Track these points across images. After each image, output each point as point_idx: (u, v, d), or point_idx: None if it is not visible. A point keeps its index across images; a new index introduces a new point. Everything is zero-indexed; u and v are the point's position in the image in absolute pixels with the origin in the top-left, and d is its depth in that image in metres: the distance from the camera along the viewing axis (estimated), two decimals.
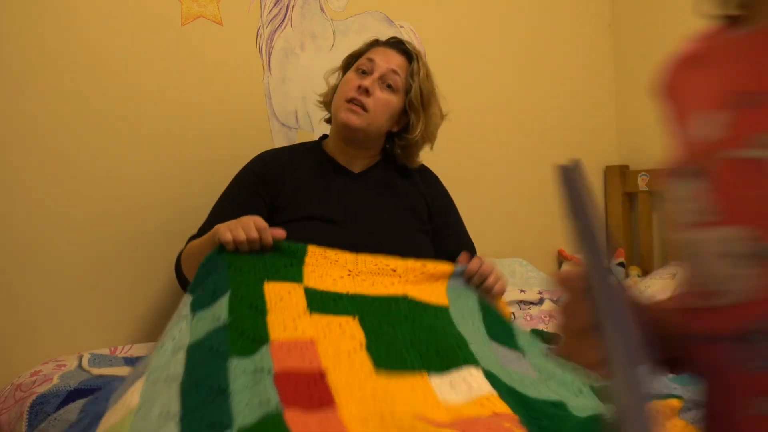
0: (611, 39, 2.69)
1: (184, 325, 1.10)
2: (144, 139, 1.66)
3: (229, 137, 1.77)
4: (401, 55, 1.53)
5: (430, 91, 1.54)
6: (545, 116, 2.48)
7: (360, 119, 1.46)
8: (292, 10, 1.89)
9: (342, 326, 1.07)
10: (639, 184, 2.52)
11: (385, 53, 1.52)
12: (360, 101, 1.46)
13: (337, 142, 1.55)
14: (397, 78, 1.50)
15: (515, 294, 1.99)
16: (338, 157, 1.55)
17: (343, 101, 1.48)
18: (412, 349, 1.04)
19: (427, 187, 1.62)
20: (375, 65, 1.49)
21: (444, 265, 1.35)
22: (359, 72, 1.51)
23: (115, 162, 1.62)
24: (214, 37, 1.76)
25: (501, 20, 2.38)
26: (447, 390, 0.96)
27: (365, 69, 1.50)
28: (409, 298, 1.20)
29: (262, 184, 1.50)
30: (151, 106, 1.67)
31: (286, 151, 1.59)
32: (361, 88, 1.46)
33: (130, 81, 1.64)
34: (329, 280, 1.20)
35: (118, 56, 1.63)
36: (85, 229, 1.58)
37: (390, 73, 1.49)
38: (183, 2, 1.72)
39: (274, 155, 1.57)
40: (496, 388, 0.96)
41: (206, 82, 1.75)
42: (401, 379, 0.96)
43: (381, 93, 1.48)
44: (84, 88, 1.58)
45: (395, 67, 1.50)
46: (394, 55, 1.52)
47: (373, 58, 1.50)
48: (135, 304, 1.64)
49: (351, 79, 1.50)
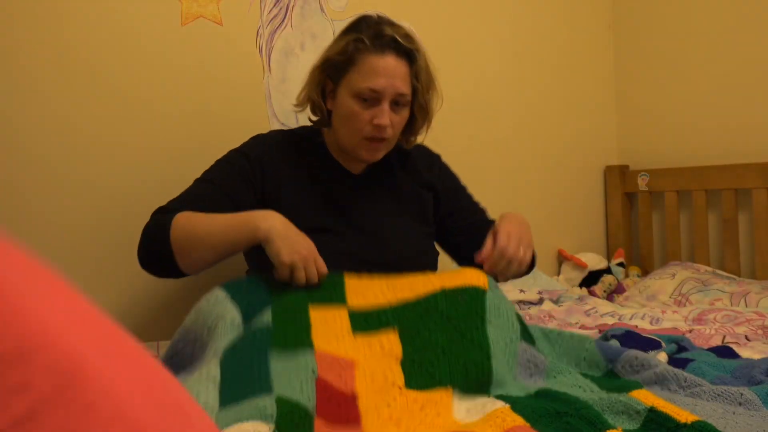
0: (611, 39, 2.69)
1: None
2: (143, 139, 1.66)
3: (229, 137, 1.76)
4: (402, 60, 1.34)
5: (431, 81, 1.41)
6: (545, 116, 2.49)
7: (384, 150, 1.40)
8: (292, 10, 1.89)
9: (383, 345, 1.08)
10: (639, 184, 2.52)
11: (385, 67, 1.32)
12: (382, 138, 1.36)
13: (345, 154, 1.45)
14: (406, 97, 1.37)
15: (515, 294, 1.99)
16: (339, 157, 1.47)
17: (360, 139, 1.36)
18: (443, 358, 1.04)
19: (431, 172, 1.54)
20: (381, 94, 1.32)
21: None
22: (363, 101, 1.34)
23: (113, 162, 1.62)
24: (214, 37, 1.77)
25: (501, 20, 2.38)
26: (463, 414, 0.98)
27: (369, 97, 1.33)
28: (446, 289, 1.18)
29: (258, 174, 1.39)
30: (151, 106, 1.67)
31: (284, 143, 1.46)
32: (380, 126, 1.33)
33: (130, 81, 1.64)
34: (371, 296, 1.19)
35: (118, 56, 1.63)
36: (85, 229, 1.58)
37: (397, 95, 1.34)
38: (183, 2, 1.72)
39: (273, 145, 1.44)
40: (509, 402, 0.96)
41: (206, 82, 1.75)
42: (427, 396, 0.99)
43: (396, 116, 1.36)
44: (84, 88, 1.58)
45: (401, 88, 1.34)
46: (396, 65, 1.33)
47: (376, 89, 1.31)
48: (134, 305, 1.64)
49: (359, 113, 1.34)
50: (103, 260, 1.60)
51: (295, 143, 1.46)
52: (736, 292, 1.98)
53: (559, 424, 0.88)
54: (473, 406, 0.99)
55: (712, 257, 2.34)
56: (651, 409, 0.92)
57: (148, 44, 1.67)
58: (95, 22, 1.60)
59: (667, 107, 2.52)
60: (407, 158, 1.52)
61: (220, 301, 1.14)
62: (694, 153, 2.42)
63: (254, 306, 1.15)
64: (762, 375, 1.15)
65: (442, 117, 2.19)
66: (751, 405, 0.99)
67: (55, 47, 1.54)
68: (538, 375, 1.13)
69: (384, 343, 1.08)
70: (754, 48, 2.26)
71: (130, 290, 1.64)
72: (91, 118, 1.59)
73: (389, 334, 1.10)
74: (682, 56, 2.47)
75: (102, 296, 1.59)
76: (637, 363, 1.16)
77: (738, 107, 2.31)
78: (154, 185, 1.67)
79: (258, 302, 1.16)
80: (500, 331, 1.12)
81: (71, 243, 1.56)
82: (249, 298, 1.17)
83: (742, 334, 1.57)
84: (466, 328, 1.09)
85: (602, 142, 2.66)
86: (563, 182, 2.53)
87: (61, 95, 1.55)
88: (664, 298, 2.10)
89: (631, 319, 1.78)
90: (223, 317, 1.10)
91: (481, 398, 1.00)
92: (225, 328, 1.08)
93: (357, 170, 1.47)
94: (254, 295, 1.18)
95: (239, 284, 1.21)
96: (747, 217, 2.26)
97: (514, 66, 2.41)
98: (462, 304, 1.14)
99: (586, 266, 2.40)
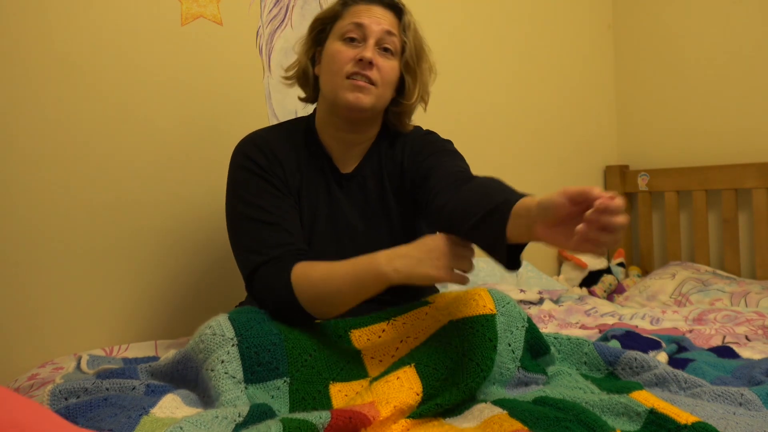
0: (611, 39, 2.69)
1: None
2: (143, 138, 1.66)
3: (229, 137, 1.76)
4: (389, 11, 1.30)
5: (421, 47, 1.33)
6: (545, 116, 2.49)
7: (370, 97, 1.24)
8: (292, 10, 1.89)
9: (400, 378, 1.05)
10: (639, 184, 2.52)
11: (370, 12, 1.28)
12: (365, 75, 1.23)
13: (335, 128, 1.31)
14: (394, 39, 1.28)
15: (515, 294, 1.99)
16: (333, 148, 1.33)
17: (343, 78, 1.24)
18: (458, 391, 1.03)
19: (406, 153, 1.35)
20: (367, 30, 1.26)
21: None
22: (347, 41, 1.26)
23: (112, 162, 1.62)
24: (214, 37, 1.76)
25: (501, 20, 2.38)
26: (459, 420, 0.98)
27: (355, 36, 1.26)
28: (454, 321, 1.12)
29: (280, 175, 1.27)
30: (151, 106, 1.67)
31: (277, 140, 1.32)
32: (363, 60, 1.23)
33: (130, 81, 1.64)
34: (387, 358, 1.14)
35: (118, 56, 1.63)
36: (84, 229, 1.58)
37: (385, 35, 1.27)
38: (183, 2, 1.72)
39: (267, 143, 1.30)
40: (506, 408, 0.96)
41: (206, 82, 1.75)
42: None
43: (383, 61, 1.26)
44: (83, 88, 1.58)
45: (389, 28, 1.27)
46: (383, 13, 1.29)
47: (361, 23, 1.26)
48: (133, 304, 1.64)
49: (342, 51, 1.25)
50: (103, 260, 1.60)
51: (287, 138, 1.34)
52: (736, 292, 1.98)
53: (558, 429, 0.87)
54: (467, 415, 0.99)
55: (712, 257, 2.34)
56: (651, 410, 0.92)
57: (148, 44, 1.67)
58: (95, 22, 1.60)
59: (667, 107, 2.52)
60: (397, 143, 1.37)
61: (220, 344, 1.05)
62: (694, 153, 2.42)
63: (261, 356, 1.05)
64: (762, 375, 1.15)
65: (442, 116, 2.19)
66: (752, 405, 0.99)
67: (55, 47, 1.54)
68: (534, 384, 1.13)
69: (401, 377, 1.05)
70: (754, 48, 2.26)
71: (130, 290, 1.64)
72: (90, 117, 1.59)
73: (405, 369, 1.07)
74: (682, 57, 2.47)
75: (102, 296, 1.59)
76: (637, 364, 1.16)
77: (738, 107, 2.31)
78: (153, 185, 1.67)
79: (265, 354, 1.06)
80: (501, 359, 1.10)
81: (71, 243, 1.56)
82: (256, 345, 1.07)
83: (742, 334, 1.57)
84: (481, 358, 1.06)
85: (602, 142, 2.66)
86: (563, 182, 2.53)
87: (60, 95, 1.55)
88: (664, 298, 2.10)
89: (631, 319, 1.78)
90: (219, 368, 1.03)
91: (478, 405, 1.00)
92: (221, 384, 1.02)
93: (348, 167, 1.34)
94: (262, 339, 1.08)
95: (247, 325, 1.09)
96: (747, 217, 2.26)
97: (514, 66, 2.41)
98: (476, 335, 1.09)
99: (586, 266, 2.40)
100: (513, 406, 0.96)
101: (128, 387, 1.06)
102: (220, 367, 1.02)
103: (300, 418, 0.87)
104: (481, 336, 1.08)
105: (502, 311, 1.12)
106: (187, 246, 1.71)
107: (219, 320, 1.08)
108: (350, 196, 1.32)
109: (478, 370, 1.04)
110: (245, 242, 1.21)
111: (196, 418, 0.88)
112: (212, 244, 1.73)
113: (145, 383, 1.07)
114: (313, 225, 1.29)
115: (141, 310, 1.65)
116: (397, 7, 1.31)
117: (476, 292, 1.16)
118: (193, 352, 1.08)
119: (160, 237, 1.67)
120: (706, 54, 2.40)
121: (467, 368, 1.04)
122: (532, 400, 1.01)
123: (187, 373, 1.10)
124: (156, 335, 1.66)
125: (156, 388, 1.06)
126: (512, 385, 1.11)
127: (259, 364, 1.04)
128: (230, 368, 1.02)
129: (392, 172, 1.35)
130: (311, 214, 1.29)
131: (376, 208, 1.33)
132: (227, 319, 1.08)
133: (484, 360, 1.05)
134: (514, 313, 1.13)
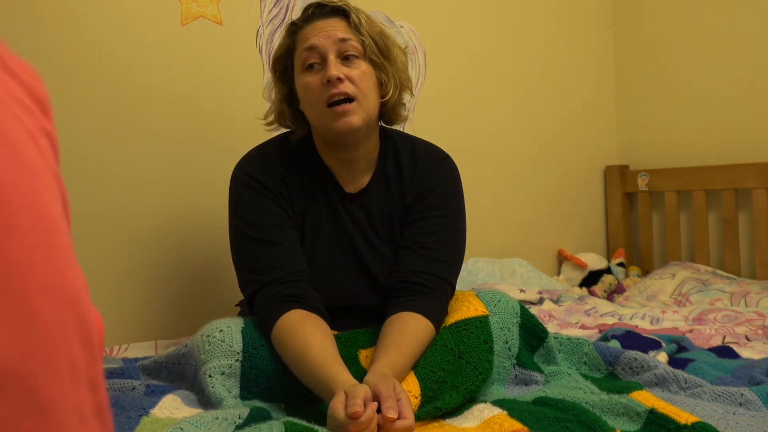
0: (611, 39, 2.69)
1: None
2: (143, 139, 1.66)
3: (229, 137, 1.77)
4: (334, 17, 1.24)
5: (381, 38, 1.26)
6: (545, 116, 2.49)
7: (357, 115, 1.19)
8: (292, 10, 1.89)
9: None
10: (639, 184, 2.52)
11: (316, 29, 1.22)
12: (342, 93, 1.18)
13: (334, 149, 1.28)
14: (352, 43, 1.21)
15: (515, 294, 1.99)
16: (335, 168, 1.29)
17: (324, 108, 1.19)
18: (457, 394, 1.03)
19: (413, 178, 1.30)
20: (320, 49, 1.20)
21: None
22: (309, 69, 1.21)
23: (112, 162, 1.62)
24: (214, 37, 1.76)
25: (501, 20, 2.38)
26: (459, 420, 0.98)
27: (314, 61, 1.21)
28: (448, 325, 1.13)
29: (285, 195, 1.25)
30: (151, 106, 1.67)
31: (280, 159, 1.29)
32: (331, 81, 1.17)
33: (130, 81, 1.64)
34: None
35: (118, 56, 1.63)
36: (84, 229, 1.58)
37: (341, 44, 1.20)
38: (183, 2, 1.72)
39: (270, 162, 1.28)
40: (506, 408, 0.96)
41: (206, 82, 1.75)
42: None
43: (351, 70, 1.20)
44: (83, 88, 1.58)
45: (342, 35, 1.21)
46: (329, 23, 1.23)
47: (312, 45, 1.20)
48: (133, 304, 1.64)
49: (310, 81, 1.21)
50: (103, 261, 1.60)
51: (287, 159, 1.30)
52: (736, 292, 1.98)
53: (558, 429, 0.88)
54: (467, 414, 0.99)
55: (712, 257, 2.34)
56: (651, 410, 0.92)
57: (148, 44, 1.67)
58: (95, 22, 1.60)
59: (667, 107, 2.52)
60: (413, 173, 1.32)
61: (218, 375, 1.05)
62: (694, 153, 2.42)
63: (260, 381, 1.06)
64: (762, 375, 1.15)
65: (442, 117, 2.19)
66: (752, 405, 0.99)
67: (55, 47, 1.54)
68: (534, 383, 1.13)
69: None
70: (754, 48, 2.26)
71: (130, 290, 1.64)
72: (90, 117, 1.59)
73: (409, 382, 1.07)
74: (682, 56, 2.47)
75: (102, 296, 1.59)
76: (637, 364, 1.16)
77: (738, 107, 2.31)
78: (153, 185, 1.67)
79: (264, 380, 1.06)
80: (498, 359, 1.12)
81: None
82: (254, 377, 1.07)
83: (742, 334, 1.57)
84: (478, 361, 1.07)
85: (602, 142, 2.66)
86: (563, 182, 2.53)
87: (60, 95, 1.55)
88: (664, 298, 2.10)
89: (631, 319, 1.78)
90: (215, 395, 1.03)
91: (478, 405, 1.01)
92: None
93: (353, 187, 1.30)
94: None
95: (257, 343, 1.09)
96: (747, 217, 2.26)
97: (515, 66, 2.41)
98: (470, 337, 1.10)
99: (586, 266, 2.40)
100: (513, 406, 0.96)
101: (128, 387, 1.06)
102: (219, 377, 1.03)
103: (303, 423, 0.87)
104: (476, 338, 1.09)
105: (494, 310, 1.14)
106: (187, 246, 1.71)
107: (231, 327, 1.09)
108: (354, 215, 1.29)
109: (476, 373, 1.05)
110: (245, 263, 1.21)
111: (196, 418, 0.88)
112: (212, 244, 1.73)
113: (145, 383, 1.07)
114: (317, 244, 1.27)
115: (141, 310, 1.65)
116: (340, 10, 1.25)
117: (465, 297, 1.18)
118: (197, 350, 1.08)
119: (160, 237, 1.67)
120: (705, 54, 2.40)
121: (465, 371, 1.05)
122: (532, 400, 1.01)
123: (186, 369, 1.11)
124: (156, 335, 1.66)
125: (156, 388, 1.06)
126: (511, 384, 1.11)
127: (257, 386, 1.06)
128: (228, 383, 1.04)
129: (398, 192, 1.31)
130: (315, 233, 1.27)
131: (380, 227, 1.30)
132: (239, 331, 1.09)
133: (481, 363, 1.07)
134: (507, 309, 1.15)
